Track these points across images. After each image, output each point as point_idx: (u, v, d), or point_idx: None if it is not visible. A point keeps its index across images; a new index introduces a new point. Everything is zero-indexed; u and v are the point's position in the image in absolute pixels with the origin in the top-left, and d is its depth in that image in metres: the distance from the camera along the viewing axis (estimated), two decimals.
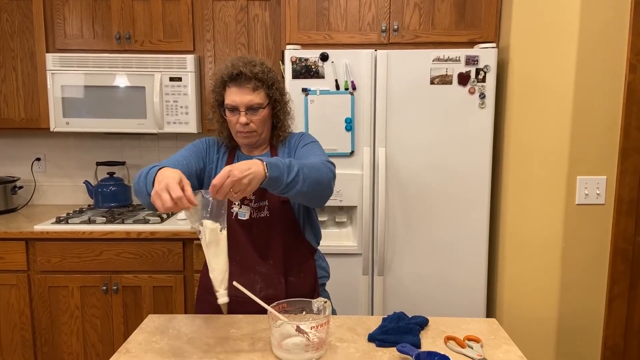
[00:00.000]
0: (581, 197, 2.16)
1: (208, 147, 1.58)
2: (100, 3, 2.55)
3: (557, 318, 2.25)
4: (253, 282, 1.47)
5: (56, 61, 2.49)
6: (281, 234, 1.50)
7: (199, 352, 1.25)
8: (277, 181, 1.24)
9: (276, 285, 1.49)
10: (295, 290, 1.49)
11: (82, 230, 2.34)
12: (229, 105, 1.46)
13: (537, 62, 2.17)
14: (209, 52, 2.58)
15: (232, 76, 1.45)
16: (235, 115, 1.46)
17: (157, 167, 1.29)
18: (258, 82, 1.46)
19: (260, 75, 1.46)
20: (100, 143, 2.95)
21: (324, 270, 1.68)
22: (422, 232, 2.31)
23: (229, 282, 1.23)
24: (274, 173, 1.22)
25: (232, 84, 1.46)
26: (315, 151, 1.50)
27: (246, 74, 1.44)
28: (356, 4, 2.37)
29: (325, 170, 1.37)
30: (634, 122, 2.08)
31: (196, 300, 1.64)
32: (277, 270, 1.50)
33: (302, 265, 1.56)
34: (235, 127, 1.48)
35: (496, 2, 2.34)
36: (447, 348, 1.27)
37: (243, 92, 1.45)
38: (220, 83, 1.49)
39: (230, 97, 1.46)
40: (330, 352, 1.25)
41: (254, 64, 1.47)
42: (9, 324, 2.39)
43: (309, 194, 1.32)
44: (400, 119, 2.26)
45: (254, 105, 1.46)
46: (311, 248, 1.59)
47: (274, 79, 1.50)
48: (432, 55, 2.22)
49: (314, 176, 1.31)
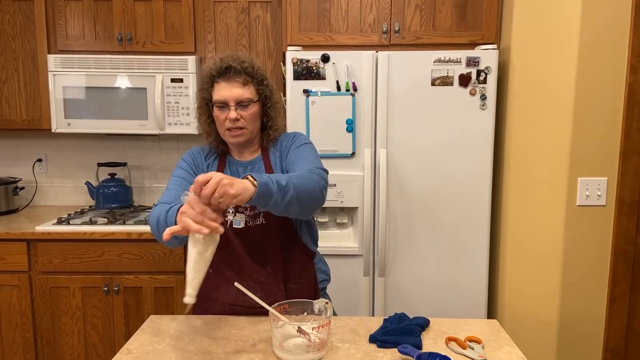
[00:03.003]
0: (582, 198, 2.16)
1: (194, 159, 1.53)
2: (102, 4, 2.55)
3: (558, 319, 2.25)
4: (252, 291, 1.44)
5: (58, 62, 2.50)
6: (278, 240, 1.46)
7: (200, 352, 1.26)
8: (266, 199, 1.18)
9: (276, 293, 1.44)
10: (295, 297, 1.43)
11: (83, 231, 2.34)
12: (218, 101, 1.43)
13: (538, 63, 2.17)
14: (210, 54, 2.58)
15: (221, 71, 1.42)
16: (225, 112, 1.42)
17: (174, 207, 1.27)
18: (248, 77, 1.43)
19: (249, 69, 1.44)
20: (102, 144, 2.95)
21: (325, 274, 1.65)
22: (423, 233, 2.31)
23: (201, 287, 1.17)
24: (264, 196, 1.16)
25: (221, 79, 1.43)
26: (306, 156, 1.45)
27: (235, 67, 1.42)
28: (357, 5, 2.38)
29: (316, 180, 1.32)
30: (635, 124, 2.08)
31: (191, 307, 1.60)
32: (276, 278, 1.47)
33: (301, 271, 1.52)
34: (224, 125, 1.44)
35: (497, 4, 2.35)
36: (448, 349, 1.27)
37: (232, 87, 1.42)
38: (209, 79, 1.45)
39: (220, 93, 1.43)
40: (332, 353, 1.25)
41: (242, 59, 1.45)
42: (11, 324, 2.39)
43: (299, 210, 1.28)
44: (401, 120, 2.26)
45: (244, 101, 1.42)
46: (309, 252, 1.55)
47: (263, 75, 1.48)
48: (433, 56, 2.22)
49: (305, 192, 1.26)
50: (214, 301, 1.49)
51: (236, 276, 1.44)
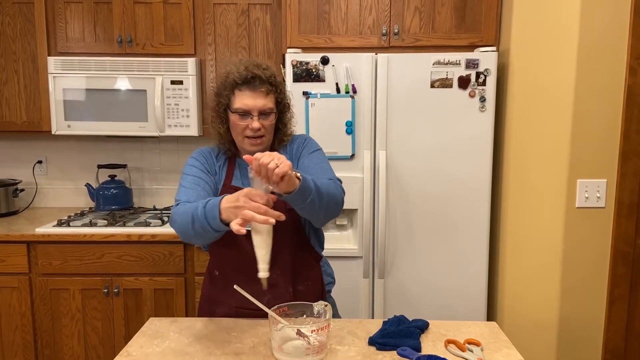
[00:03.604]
0: (581, 200, 2.17)
1: (207, 159, 1.52)
2: (102, 6, 2.56)
3: (557, 321, 2.25)
4: (260, 293, 1.40)
5: (58, 64, 2.50)
6: (288, 242, 1.45)
7: (200, 355, 1.26)
8: (305, 196, 1.23)
9: (284, 295, 1.44)
10: (303, 299, 1.43)
11: (83, 233, 2.34)
12: (240, 110, 1.40)
13: (538, 65, 2.17)
14: (210, 56, 2.59)
15: (247, 79, 1.40)
16: (246, 120, 1.41)
17: (211, 201, 1.26)
18: (270, 87, 1.42)
19: (272, 79, 1.43)
20: (102, 146, 2.96)
21: (330, 276, 1.66)
22: (423, 235, 2.32)
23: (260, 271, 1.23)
24: (304, 193, 1.22)
25: (244, 87, 1.41)
26: (323, 165, 1.46)
27: (261, 77, 1.40)
28: (357, 7, 2.38)
29: (339, 192, 1.37)
30: (634, 125, 2.08)
31: (198, 309, 1.59)
32: (285, 280, 1.46)
33: (309, 273, 1.52)
34: (243, 133, 1.43)
35: (496, 6, 2.35)
36: (448, 352, 1.28)
37: (257, 96, 1.40)
38: (231, 86, 1.42)
39: (243, 101, 1.40)
40: (331, 355, 1.25)
41: (265, 67, 1.43)
42: (10, 326, 2.39)
43: (324, 216, 1.33)
44: (401, 122, 2.26)
45: (267, 110, 1.42)
46: (316, 255, 1.56)
47: (281, 83, 1.48)
48: (432, 58, 2.22)
49: (333, 202, 1.32)
50: (221, 303, 1.49)
51: (245, 278, 1.42)
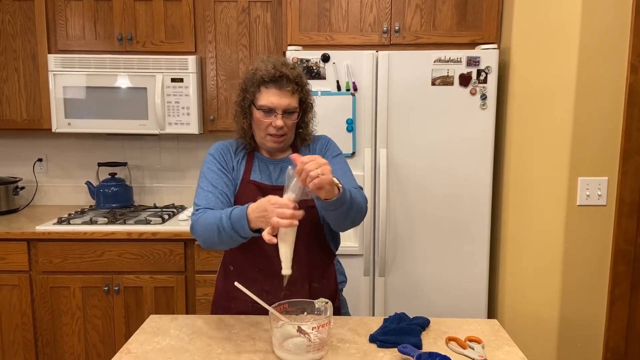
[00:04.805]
0: (582, 198, 2.16)
1: (223, 156, 1.51)
2: (102, 4, 2.55)
3: (558, 319, 2.24)
4: (277, 289, 1.42)
5: (58, 62, 2.50)
6: (306, 239, 1.45)
7: (201, 352, 1.26)
8: (340, 203, 1.28)
9: (300, 291, 1.45)
10: (318, 296, 1.42)
11: (83, 231, 2.34)
12: (265, 107, 1.41)
13: (539, 63, 2.17)
14: (210, 53, 2.58)
15: (274, 77, 1.41)
16: (270, 117, 1.42)
17: (235, 210, 1.29)
18: (296, 86, 1.43)
19: (298, 79, 1.44)
20: (102, 144, 2.95)
21: (342, 275, 1.67)
22: (423, 232, 2.31)
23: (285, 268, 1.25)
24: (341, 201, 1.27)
25: (271, 85, 1.41)
26: (346, 172, 1.49)
27: (288, 76, 1.41)
28: (357, 5, 2.38)
29: (364, 202, 1.42)
30: (635, 124, 2.08)
31: (212, 304, 1.59)
32: (302, 276, 1.46)
33: (324, 271, 1.53)
34: (265, 130, 1.44)
35: (497, 4, 2.34)
36: (448, 349, 1.27)
37: (283, 95, 1.41)
38: (258, 83, 1.43)
39: (269, 99, 1.41)
40: (332, 352, 1.25)
41: (292, 66, 1.44)
42: (11, 324, 2.39)
43: (350, 222, 1.38)
44: (402, 120, 2.26)
45: (291, 109, 1.43)
46: (331, 253, 1.57)
47: (307, 83, 1.49)
48: (433, 56, 2.22)
49: (359, 211, 1.37)
50: (237, 299, 1.49)
51: (262, 275, 1.45)
